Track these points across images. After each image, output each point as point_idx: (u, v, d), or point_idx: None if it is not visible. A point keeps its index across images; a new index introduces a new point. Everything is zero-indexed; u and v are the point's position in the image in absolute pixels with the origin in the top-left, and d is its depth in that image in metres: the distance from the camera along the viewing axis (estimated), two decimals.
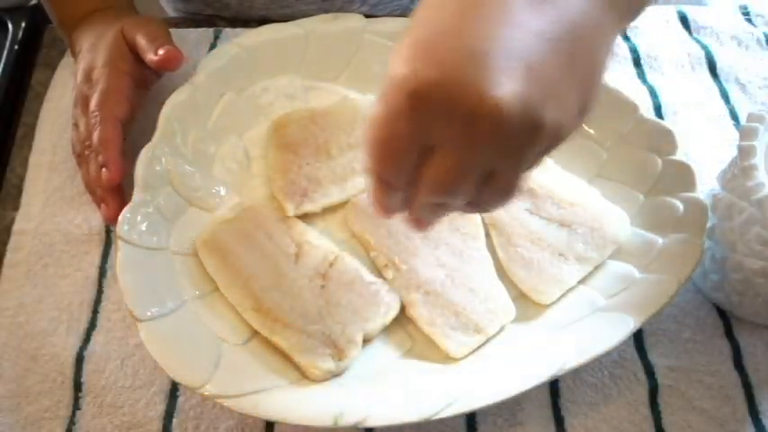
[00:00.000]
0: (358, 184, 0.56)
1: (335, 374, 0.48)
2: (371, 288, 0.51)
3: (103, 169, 0.55)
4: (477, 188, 0.36)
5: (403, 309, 0.51)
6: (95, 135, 0.56)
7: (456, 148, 0.34)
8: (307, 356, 0.48)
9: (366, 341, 0.50)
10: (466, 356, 0.49)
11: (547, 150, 0.37)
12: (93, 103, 0.57)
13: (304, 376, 0.48)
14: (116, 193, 0.55)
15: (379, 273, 0.53)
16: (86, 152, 0.57)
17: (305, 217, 0.55)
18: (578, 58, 0.35)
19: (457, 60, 0.33)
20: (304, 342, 0.48)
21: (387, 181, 0.37)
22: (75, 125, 0.59)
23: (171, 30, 0.61)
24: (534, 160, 0.37)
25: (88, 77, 0.59)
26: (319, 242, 0.53)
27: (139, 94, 0.60)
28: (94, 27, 0.62)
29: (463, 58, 0.33)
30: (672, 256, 0.51)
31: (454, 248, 0.53)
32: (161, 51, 0.57)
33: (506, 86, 0.32)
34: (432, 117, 0.34)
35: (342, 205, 0.56)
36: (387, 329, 0.50)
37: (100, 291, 0.55)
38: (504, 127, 0.33)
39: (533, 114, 0.33)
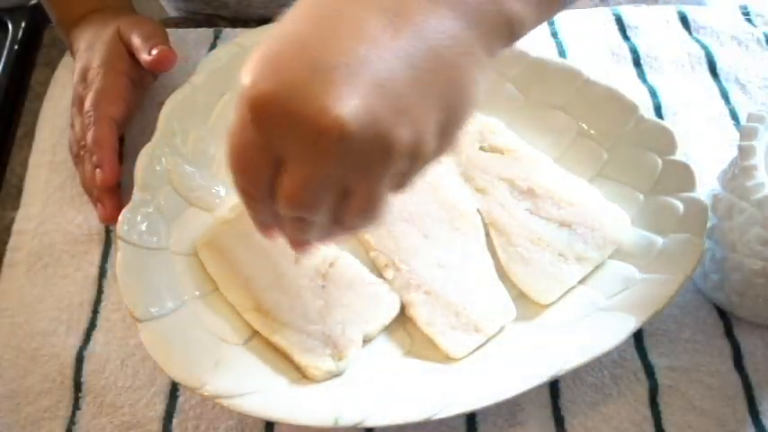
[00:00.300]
0: None
1: (335, 374, 0.48)
2: (371, 288, 0.51)
3: (98, 170, 0.55)
4: (336, 205, 0.35)
5: (403, 309, 0.51)
6: (89, 135, 0.56)
7: (302, 162, 0.33)
8: (307, 356, 0.48)
9: (366, 341, 0.50)
10: (466, 356, 0.49)
11: (411, 171, 0.35)
12: (87, 103, 0.57)
13: (304, 376, 0.48)
14: (112, 194, 0.55)
15: (379, 273, 0.52)
16: (82, 152, 0.57)
17: None
18: (438, 77, 0.34)
19: (298, 73, 0.32)
20: (304, 342, 0.48)
21: (247, 192, 0.36)
22: (73, 125, 0.59)
23: (171, 30, 0.61)
24: (400, 181, 0.36)
25: (84, 77, 0.59)
26: None
27: (137, 93, 0.60)
28: (92, 27, 0.62)
29: (305, 70, 0.32)
30: (672, 256, 0.51)
31: (454, 248, 0.53)
32: (154, 51, 0.57)
33: (350, 101, 0.31)
34: (275, 129, 0.33)
35: None
36: (387, 329, 0.50)
37: (100, 291, 0.55)
38: (347, 142, 0.31)
39: (381, 131, 0.32)
